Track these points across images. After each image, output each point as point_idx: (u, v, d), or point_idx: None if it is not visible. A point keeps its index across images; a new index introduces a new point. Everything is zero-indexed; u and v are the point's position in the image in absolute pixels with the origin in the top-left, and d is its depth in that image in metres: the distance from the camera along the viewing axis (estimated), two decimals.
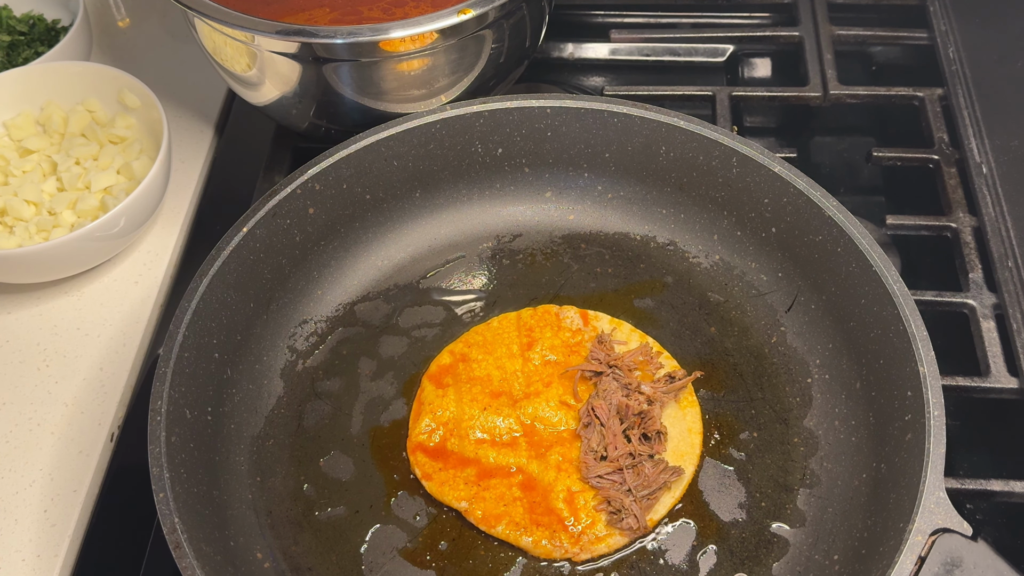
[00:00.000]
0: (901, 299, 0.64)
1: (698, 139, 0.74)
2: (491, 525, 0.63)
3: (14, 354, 0.76)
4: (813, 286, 0.72)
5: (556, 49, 1.04)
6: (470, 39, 0.75)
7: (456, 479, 0.65)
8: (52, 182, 0.81)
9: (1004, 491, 0.68)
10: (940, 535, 0.55)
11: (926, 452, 0.57)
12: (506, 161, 0.79)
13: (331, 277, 0.77)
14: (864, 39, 1.00)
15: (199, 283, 0.66)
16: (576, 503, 0.64)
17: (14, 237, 0.77)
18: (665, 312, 0.76)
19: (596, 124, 0.77)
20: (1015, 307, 0.74)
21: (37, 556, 0.66)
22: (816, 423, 0.68)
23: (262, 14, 0.72)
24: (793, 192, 0.71)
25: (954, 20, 0.96)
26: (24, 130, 0.84)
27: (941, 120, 0.90)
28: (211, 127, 0.94)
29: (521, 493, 0.65)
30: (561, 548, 0.62)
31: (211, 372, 0.67)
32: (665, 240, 0.79)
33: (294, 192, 0.72)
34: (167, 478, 0.58)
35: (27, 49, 0.93)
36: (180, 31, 1.02)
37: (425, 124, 0.75)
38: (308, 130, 0.85)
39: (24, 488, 0.69)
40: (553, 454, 0.66)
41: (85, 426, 0.72)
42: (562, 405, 0.68)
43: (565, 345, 0.71)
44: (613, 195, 0.80)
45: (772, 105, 1.00)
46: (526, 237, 0.81)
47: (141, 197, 0.76)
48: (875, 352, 0.65)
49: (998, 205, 0.81)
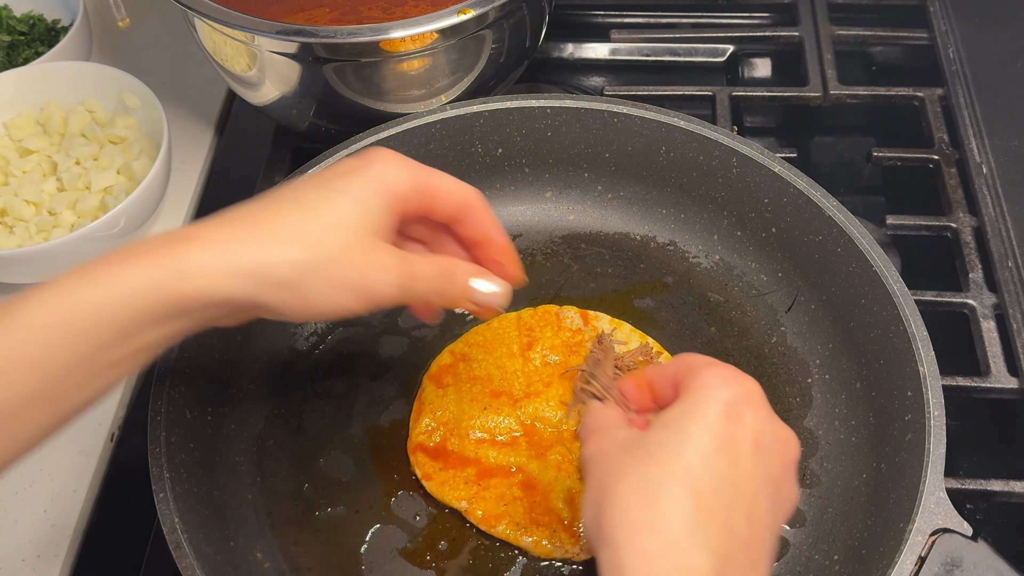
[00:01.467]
0: (901, 299, 0.64)
1: (698, 139, 0.74)
2: (491, 525, 0.63)
3: None
4: (813, 286, 0.72)
5: (556, 49, 1.04)
6: (470, 39, 0.75)
7: (456, 479, 0.65)
8: (52, 182, 0.81)
9: (1004, 491, 0.68)
10: (940, 535, 0.55)
11: (926, 452, 0.57)
12: (506, 161, 0.79)
13: None
14: (864, 39, 1.00)
15: None
16: (576, 503, 0.64)
17: (14, 237, 0.77)
18: (665, 312, 0.76)
19: (596, 124, 0.77)
20: (1015, 307, 0.74)
21: (37, 556, 0.66)
22: (816, 423, 0.68)
23: (262, 14, 0.72)
24: (793, 192, 0.71)
25: (954, 20, 0.96)
26: (24, 130, 0.84)
27: (941, 120, 0.90)
28: (211, 127, 0.94)
29: (521, 493, 0.65)
30: (561, 548, 0.62)
31: (211, 372, 0.67)
32: (665, 240, 0.79)
33: None
34: (167, 478, 0.58)
35: (27, 49, 0.93)
36: (180, 31, 1.02)
37: (425, 124, 0.75)
38: (308, 130, 0.85)
39: (24, 488, 0.69)
40: (553, 454, 0.66)
41: (85, 426, 0.72)
42: (562, 405, 0.68)
43: (565, 345, 0.71)
44: (613, 195, 0.80)
45: (772, 105, 1.00)
46: (526, 237, 0.81)
47: (141, 197, 0.76)
48: (875, 352, 0.65)
49: (998, 205, 0.81)
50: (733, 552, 0.42)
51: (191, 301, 0.46)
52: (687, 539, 0.41)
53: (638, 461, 0.44)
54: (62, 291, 0.45)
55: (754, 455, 0.45)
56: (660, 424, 0.46)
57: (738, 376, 0.47)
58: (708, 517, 0.42)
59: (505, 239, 0.58)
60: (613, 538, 0.42)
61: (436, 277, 0.53)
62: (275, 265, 0.47)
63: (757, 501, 0.44)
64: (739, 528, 0.43)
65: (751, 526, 0.44)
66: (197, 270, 0.46)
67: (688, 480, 0.43)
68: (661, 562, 0.41)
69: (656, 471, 0.43)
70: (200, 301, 0.47)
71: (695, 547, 0.41)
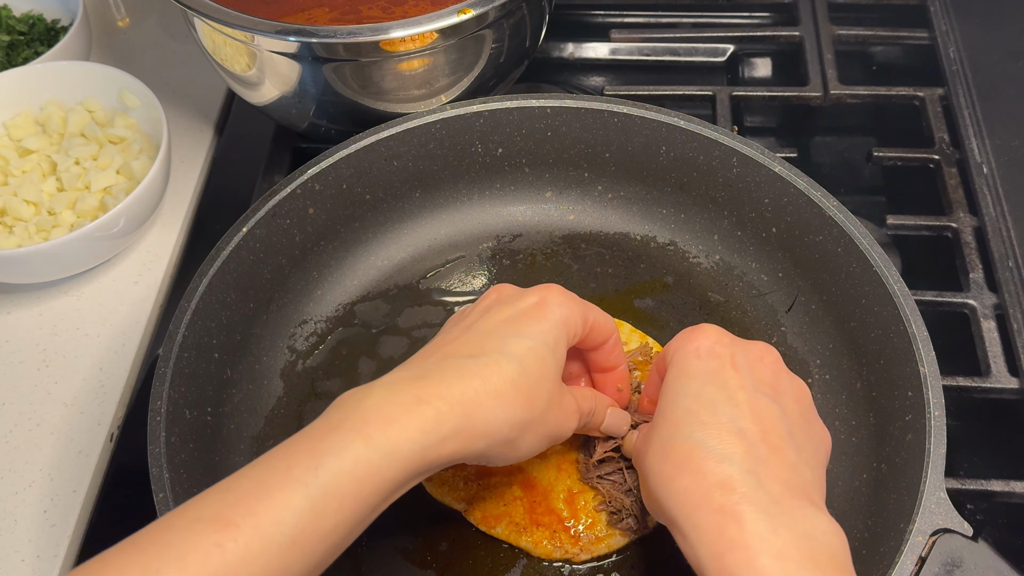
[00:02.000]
0: (901, 299, 0.63)
1: (698, 139, 0.74)
2: (491, 525, 0.63)
3: (13, 354, 0.76)
4: (813, 286, 0.72)
5: (556, 49, 1.04)
6: (470, 39, 0.75)
7: (455, 478, 0.65)
8: (52, 182, 0.81)
9: (1004, 491, 0.68)
10: (940, 535, 0.54)
11: (926, 452, 0.57)
12: (506, 161, 0.79)
13: (331, 277, 0.77)
14: (864, 39, 1.00)
15: (199, 283, 0.66)
16: (576, 503, 0.64)
17: (14, 237, 0.77)
18: (665, 312, 0.76)
19: (596, 124, 0.77)
20: (1015, 307, 0.74)
21: (37, 556, 0.66)
22: None
23: (262, 14, 0.72)
24: (793, 192, 0.71)
25: (955, 20, 0.96)
26: (24, 130, 0.84)
27: (942, 120, 0.90)
28: (211, 127, 0.94)
29: (521, 492, 0.64)
30: (561, 548, 0.62)
31: (211, 372, 0.67)
32: (665, 240, 0.79)
33: (294, 192, 0.72)
34: (167, 478, 0.58)
35: (27, 49, 0.93)
36: (180, 31, 1.02)
37: (425, 124, 0.75)
38: (308, 130, 0.85)
39: (23, 488, 0.69)
40: (553, 454, 0.66)
41: (85, 426, 0.72)
42: None
43: None
44: (613, 195, 0.80)
45: (772, 105, 1.00)
46: (526, 237, 0.81)
47: (141, 197, 0.76)
48: (875, 352, 0.65)
49: (999, 205, 0.81)
50: (754, 448, 0.48)
51: (442, 462, 0.49)
52: (712, 463, 0.47)
53: (655, 430, 0.51)
54: (348, 457, 0.45)
55: (736, 372, 0.51)
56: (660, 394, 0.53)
57: (695, 328, 0.54)
58: (719, 433, 0.48)
59: (627, 367, 0.63)
60: (666, 506, 0.48)
61: (591, 412, 0.58)
62: (504, 425, 0.50)
63: (757, 402, 0.50)
64: (749, 429, 0.48)
65: (760, 423, 0.49)
66: (454, 434, 0.48)
67: (690, 420, 0.49)
68: (697, 495, 0.47)
69: (665, 429, 0.50)
70: (448, 461, 0.49)
71: (719, 463, 0.47)
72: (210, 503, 0.44)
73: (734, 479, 0.46)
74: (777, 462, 0.47)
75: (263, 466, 0.45)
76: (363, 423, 0.46)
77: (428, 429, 0.47)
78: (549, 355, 0.52)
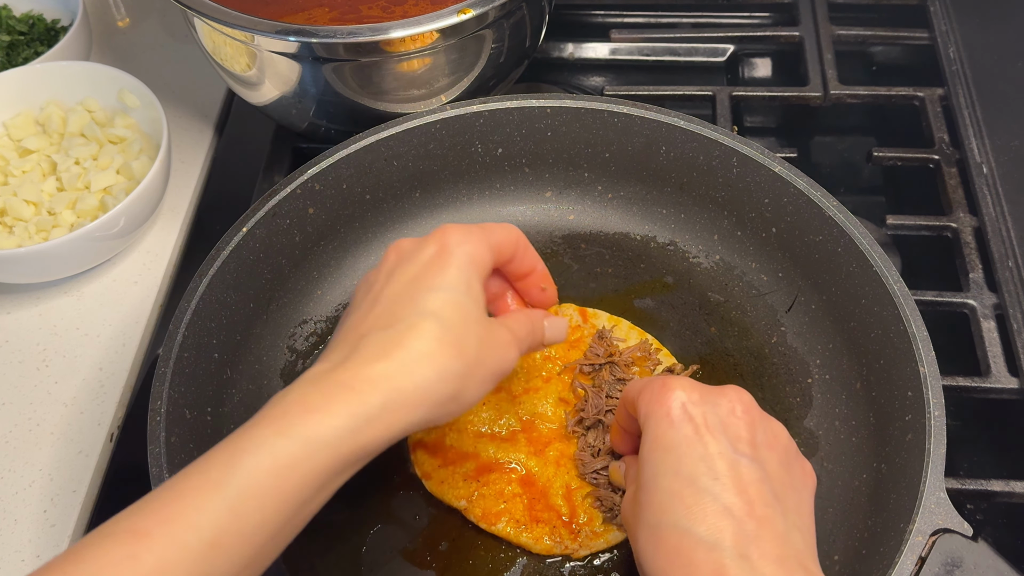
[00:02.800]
0: (901, 299, 0.63)
1: (698, 139, 0.74)
2: (491, 523, 0.63)
3: (13, 354, 0.76)
4: (813, 286, 0.72)
5: (556, 49, 1.04)
6: (470, 39, 0.75)
7: (455, 475, 0.65)
8: (52, 182, 0.81)
9: (1004, 491, 0.68)
10: (940, 535, 0.55)
11: (926, 452, 0.57)
12: (506, 161, 0.79)
13: (331, 277, 0.77)
14: (864, 39, 1.00)
15: (199, 283, 0.66)
16: (575, 499, 0.64)
17: (14, 237, 0.77)
18: (665, 312, 0.76)
19: (596, 124, 0.77)
20: (1015, 307, 0.74)
21: (37, 556, 0.66)
22: (816, 423, 0.68)
23: (262, 14, 0.72)
24: (793, 192, 0.71)
25: (954, 20, 0.96)
26: (24, 130, 0.84)
27: (941, 120, 0.90)
28: (211, 127, 0.94)
29: (520, 489, 0.65)
30: (561, 544, 0.62)
31: (211, 372, 0.67)
32: (665, 240, 0.79)
33: (294, 192, 0.72)
34: (167, 478, 0.58)
35: (27, 49, 0.93)
36: (180, 31, 1.02)
37: (425, 124, 0.75)
38: (308, 130, 0.85)
39: (24, 488, 0.69)
40: (552, 450, 0.66)
41: (85, 426, 0.72)
42: (561, 401, 0.68)
43: (565, 341, 0.71)
44: (613, 195, 0.80)
45: (772, 105, 1.00)
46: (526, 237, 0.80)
47: (141, 197, 0.76)
48: (875, 352, 0.65)
49: (998, 205, 0.81)
50: (742, 526, 0.46)
51: (380, 442, 0.48)
52: (702, 553, 0.45)
53: (642, 510, 0.49)
54: (266, 452, 0.44)
55: (712, 436, 0.49)
56: (639, 464, 0.51)
57: (663, 385, 0.51)
58: (704, 518, 0.46)
59: (543, 264, 0.60)
60: None
61: (529, 333, 0.56)
62: (439, 383, 0.49)
63: (738, 468, 0.48)
64: (735, 505, 0.47)
65: (744, 493, 0.47)
66: (382, 411, 0.47)
67: (675, 504, 0.47)
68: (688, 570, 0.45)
69: (651, 514, 0.48)
70: (386, 440, 0.48)
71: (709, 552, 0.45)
72: (127, 516, 0.44)
73: (727, 567, 0.44)
74: (767, 537, 0.46)
75: (183, 474, 0.45)
76: (282, 416, 0.46)
77: (353, 412, 0.46)
78: (465, 299, 0.51)
